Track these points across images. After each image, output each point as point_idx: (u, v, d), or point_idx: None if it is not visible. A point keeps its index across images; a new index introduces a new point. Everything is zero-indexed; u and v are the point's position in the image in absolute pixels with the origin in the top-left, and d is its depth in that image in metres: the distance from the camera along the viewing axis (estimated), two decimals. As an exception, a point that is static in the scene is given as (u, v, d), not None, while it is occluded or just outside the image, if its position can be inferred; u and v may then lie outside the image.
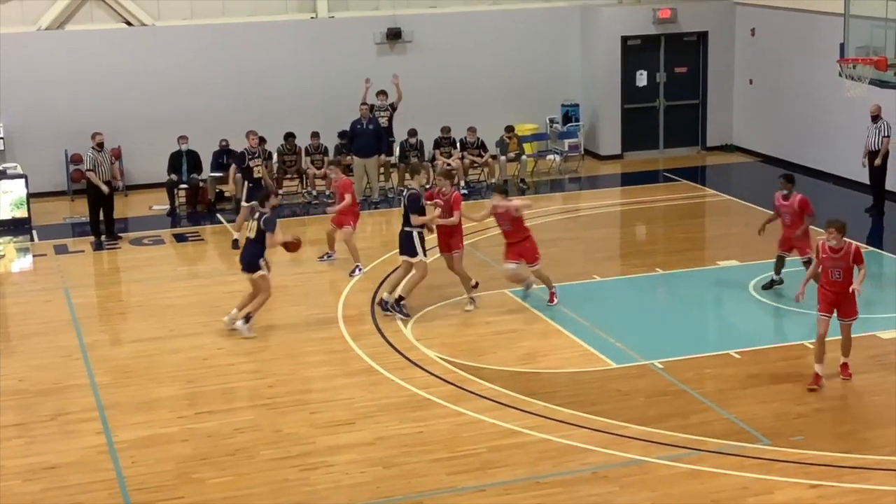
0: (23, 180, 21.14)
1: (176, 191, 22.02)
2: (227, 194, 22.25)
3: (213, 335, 14.98)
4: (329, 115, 22.90)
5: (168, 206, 21.91)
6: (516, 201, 15.91)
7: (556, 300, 15.74)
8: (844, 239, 12.78)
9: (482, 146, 23.16)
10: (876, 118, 20.14)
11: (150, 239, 20.17)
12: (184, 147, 22.05)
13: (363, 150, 22.02)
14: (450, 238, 15.64)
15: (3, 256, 19.42)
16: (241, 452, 11.56)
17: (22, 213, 20.97)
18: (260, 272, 14.77)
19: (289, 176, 22.69)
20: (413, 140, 22.89)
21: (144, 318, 15.95)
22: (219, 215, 21.57)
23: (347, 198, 17.53)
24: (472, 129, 23.02)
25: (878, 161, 20.06)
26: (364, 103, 22.25)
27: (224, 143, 22.16)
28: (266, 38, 23.80)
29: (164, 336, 14.99)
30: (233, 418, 12.41)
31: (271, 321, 15.38)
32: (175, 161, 22.06)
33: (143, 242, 19.96)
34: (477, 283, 16.04)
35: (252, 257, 14.82)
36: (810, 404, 12.37)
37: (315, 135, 22.50)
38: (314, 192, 22.30)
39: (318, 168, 22.43)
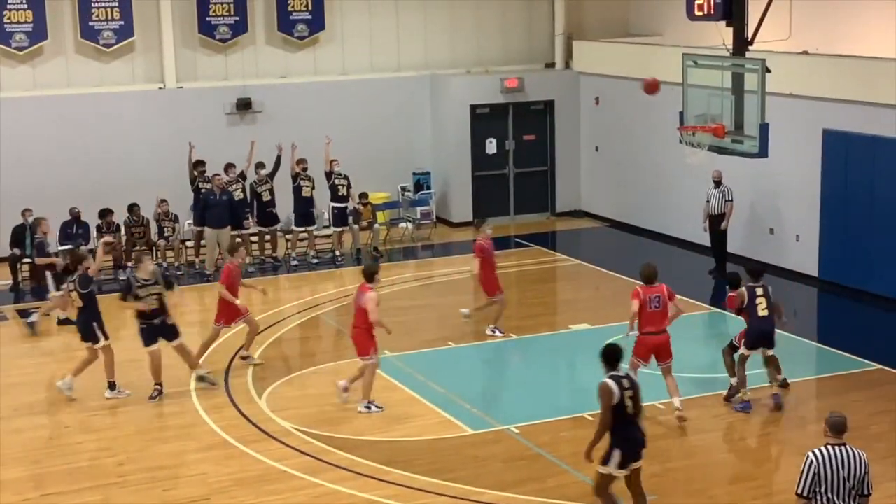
0: None
1: (19, 265, 21.41)
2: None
3: (58, 414, 14.54)
4: (180, 183, 22.60)
5: (10, 282, 21.28)
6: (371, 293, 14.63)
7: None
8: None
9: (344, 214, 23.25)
10: (718, 183, 20.86)
11: (-7, 315, 19.53)
12: (28, 220, 21.50)
13: (216, 220, 21.80)
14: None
15: None
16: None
17: None
18: (99, 344, 14.70)
19: (137, 248, 22.26)
20: (268, 209, 22.76)
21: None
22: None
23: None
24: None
25: (724, 224, 20.75)
26: (217, 174, 22.04)
27: (75, 212, 21.72)
28: (113, 109, 23.47)
29: (6, 416, 14.48)
30: (81, 499, 12.04)
31: (123, 396, 15.01)
32: (18, 235, 21.46)
33: (-15, 319, 19.31)
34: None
35: (85, 325, 14.74)
36: (663, 464, 12.60)
37: (163, 202, 22.13)
38: (164, 264, 21.94)
39: (168, 239, 22.13)
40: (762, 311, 13.97)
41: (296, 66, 25.16)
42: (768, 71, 15.49)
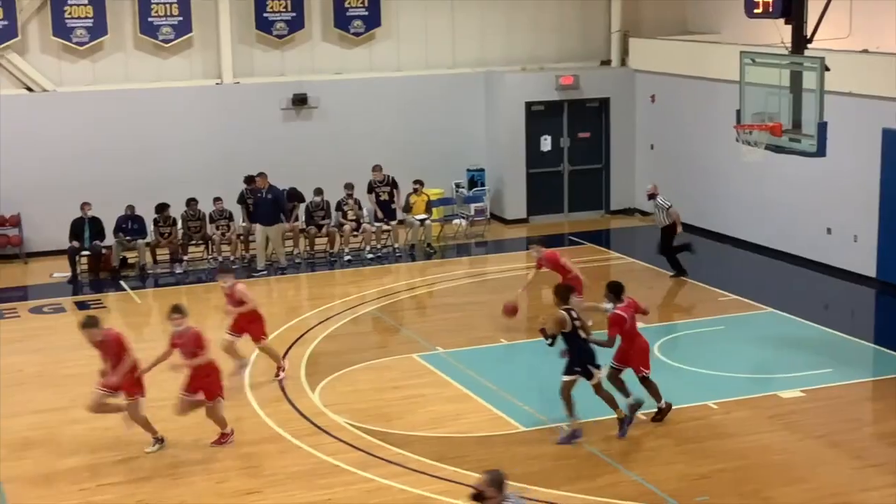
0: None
1: (78, 258, 21.69)
2: (130, 261, 22.00)
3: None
4: (234, 180, 22.77)
5: (69, 274, 21.57)
6: (239, 286, 15.18)
7: (282, 374, 15.57)
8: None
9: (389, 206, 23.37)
10: (652, 196, 20.85)
11: (51, 307, 19.79)
12: (86, 213, 21.77)
13: (264, 217, 21.94)
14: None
15: None
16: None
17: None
18: None
19: (193, 242, 22.49)
20: (318, 199, 22.88)
21: (44, 388, 15.60)
22: (122, 282, 21.27)
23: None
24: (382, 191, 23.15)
25: (679, 229, 20.61)
26: (262, 172, 22.12)
27: (131, 208, 21.97)
28: (170, 104, 23.70)
29: (64, 406, 14.67)
30: (136, 489, 12.16)
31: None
32: (77, 227, 21.75)
33: (43, 311, 19.58)
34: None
35: None
36: (714, 464, 12.52)
37: (218, 200, 22.37)
38: (219, 259, 22.15)
39: (223, 234, 22.32)
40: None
41: (351, 62, 25.26)
42: (827, 69, 15.33)
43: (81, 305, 19.93)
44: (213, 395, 13.18)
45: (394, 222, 23.10)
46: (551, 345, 13.28)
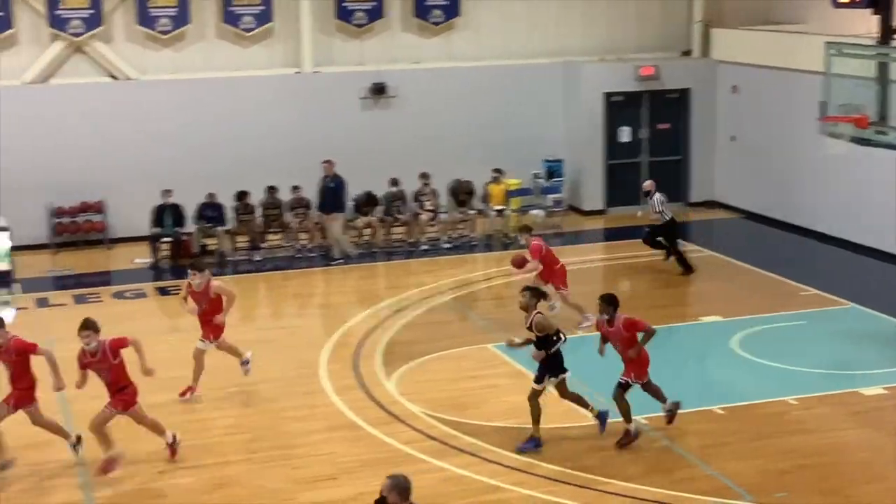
0: (6, 233, 21.06)
1: (159, 244, 21.99)
2: (210, 247, 22.25)
3: (202, 389, 14.88)
4: (312, 168, 22.90)
5: (151, 259, 21.87)
6: (215, 282, 14.75)
7: (248, 366, 14.98)
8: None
9: (469, 196, 23.39)
10: (648, 193, 20.60)
11: (133, 292, 20.09)
12: (167, 200, 22.05)
13: (324, 207, 22.06)
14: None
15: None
16: (223, 507, 11.47)
17: (5, 265, 20.86)
18: None
19: (272, 229, 22.68)
20: (395, 189, 22.97)
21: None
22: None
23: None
24: (461, 181, 23.18)
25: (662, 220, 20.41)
26: (328, 160, 22.21)
27: (211, 196, 22.20)
28: (250, 93, 23.90)
29: (143, 391, 14.85)
30: (213, 473, 12.30)
31: (252, 375, 15.29)
32: (158, 214, 22.05)
33: (125, 296, 19.89)
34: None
35: None
36: (794, 460, 12.34)
37: (296, 188, 22.54)
38: (297, 246, 22.33)
39: (301, 222, 22.47)
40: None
41: (430, 51, 25.26)
42: (915, 60, 15.02)
43: (162, 291, 20.22)
44: (129, 406, 12.52)
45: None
46: (541, 348, 12.86)
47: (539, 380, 12.86)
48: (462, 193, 23.68)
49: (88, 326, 12.34)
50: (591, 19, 26.02)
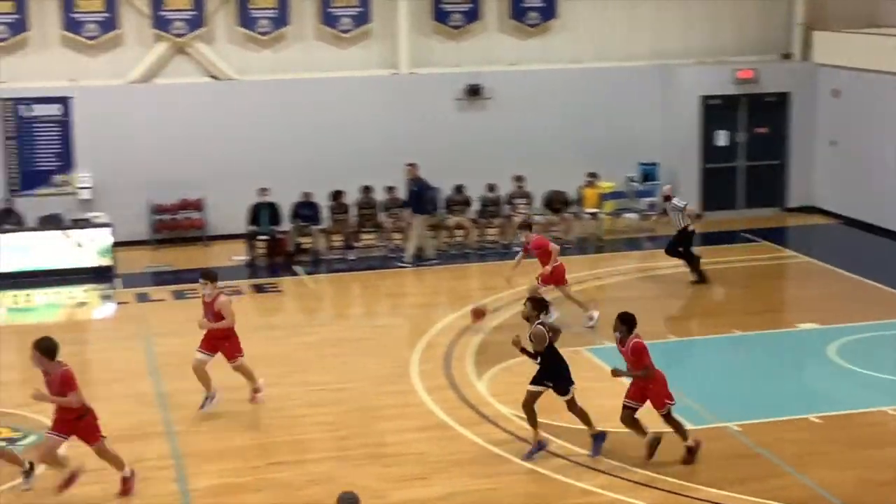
0: (108, 229, 21.52)
1: (255, 242, 22.29)
2: (305, 246, 22.49)
3: (286, 386, 15.08)
4: (403, 169, 23.02)
5: (247, 257, 22.18)
6: (223, 298, 14.13)
7: (259, 397, 14.39)
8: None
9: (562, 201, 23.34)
10: (668, 198, 20.38)
11: (229, 289, 20.37)
12: (264, 199, 22.35)
13: (412, 209, 22.23)
14: None
15: (85, 304, 19.81)
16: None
17: (106, 261, 21.34)
18: None
19: (366, 229, 22.86)
20: (491, 195, 23.06)
21: (220, 367, 16.04)
22: (297, 267, 21.77)
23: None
24: (555, 186, 23.22)
25: (692, 226, 20.22)
26: (412, 163, 22.31)
27: (307, 195, 22.45)
28: (347, 93, 24.11)
29: (239, 386, 15.09)
30: (305, 469, 12.44)
31: (345, 376, 15.43)
32: (255, 212, 22.36)
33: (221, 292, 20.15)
34: None
35: None
36: (894, 473, 12.09)
37: (391, 188, 22.72)
38: (391, 246, 22.48)
39: (395, 222, 22.61)
40: None
41: (526, 53, 25.24)
42: None
43: (258, 288, 20.49)
44: (95, 439, 11.76)
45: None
46: (539, 362, 12.67)
47: (537, 382, 12.66)
48: (557, 203, 23.60)
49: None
50: (688, 21, 25.78)
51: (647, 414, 12.58)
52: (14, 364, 16.53)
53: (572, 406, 12.67)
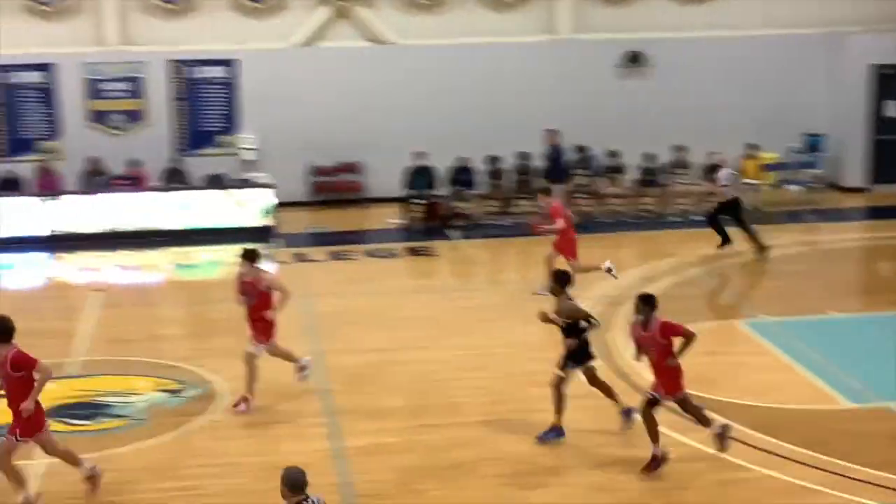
0: (271, 190, 22.00)
1: (411, 205, 22.50)
2: (460, 211, 22.60)
3: (440, 350, 15.20)
4: (562, 136, 22.88)
5: (403, 220, 22.41)
6: (268, 275, 13.39)
7: (305, 372, 13.55)
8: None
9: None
10: (717, 167, 20.07)
11: (385, 251, 20.67)
12: (420, 163, 22.51)
13: (546, 176, 22.00)
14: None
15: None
16: (463, 467, 11.66)
17: (268, 221, 21.82)
18: None
19: (522, 195, 22.83)
20: (649, 164, 22.78)
21: (376, 328, 16.31)
22: (451, 232, 21.89)
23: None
24: (713, 154, 22.73)
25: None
26: (551, 129, 22.07)
27: (463, 160, 22.53)
28: (505, 58, 24.07)
29: (393, 348, 15.30)
30: (456, 433, 12.53)
31: (497, 341, 15.48)
32: (412, 176, 22.55)
33: (377, 254, 20.49)
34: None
35: None
36: None
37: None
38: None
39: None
40: None
41: (690, 19, 24.75)
42: None
43: (413, 251, 20.70)
44: (33, 432, 10.50)
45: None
46: (569, 335, 12.09)
47: (563, 366, 12.24)
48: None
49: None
50: (861, -14, 24.93)
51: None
52: (176, 318, 17.12)
53: (557, 384, 12.16)
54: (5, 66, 23.07)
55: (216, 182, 22.57)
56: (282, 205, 22.32)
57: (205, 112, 23.82)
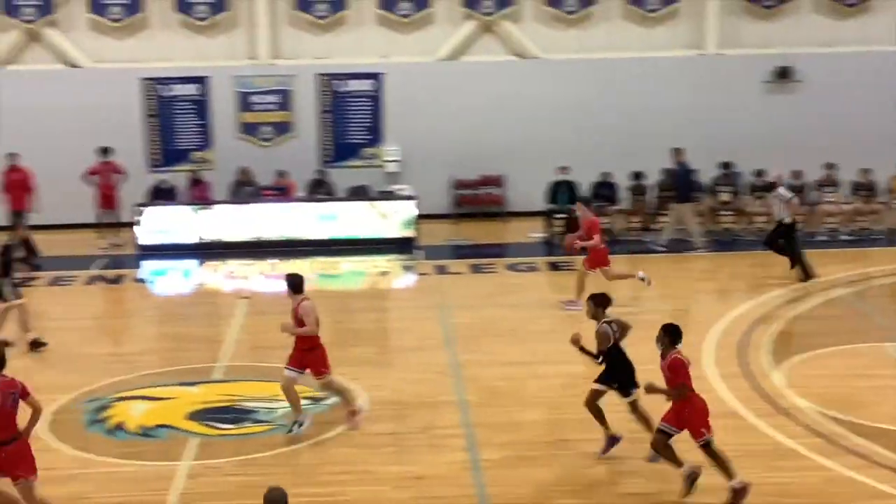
0: (413, 202, 22.22)
1: (553, 219, 22.46)
2: (603, 226, 22.45)
3: (579, 364, 15.09)
4: (707, 151, 22.55)
5: (545, 234, 22.38)
6: (307, 303, 12.55)
7: (357, 418, 12.93)
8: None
9: (871, 189, 22.25)
10: (773, 186, 19.32)
11: (525, 265, 20.67)
12: (563, 177, 22.46)
13: (676, 194, 21.69)
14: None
15: (387, 273, 20.59)
16: (601, 483, 11.59)
17: (410, 232, 22.04)
18: None
19: (665, 211, 22.56)
20: (797, 182, 22.25)
21: (515, 341, 16.31)
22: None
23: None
24: (865, 171, 22.16)
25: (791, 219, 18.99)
26: (677, 149, 21.73)
27: (605, 175, 22.42)
28: (651, 73, 23.88)
29: (531, 361, 15.28)
30: (594, 448, 12.45)
31: (637, 355, 15.31)
32: (554, 190, 22.51)
33: (518, 268, 20.50)
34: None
35: None
36: None
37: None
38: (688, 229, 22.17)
39: (694, 206, 22.23)
40: None
41: (840, 34, 24.19)
42: None
43: (554, 266, 20.66)
44: (25, 474, 9.91)
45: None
46: (601, 362, 11.98)
47: (602, 381, 12.15)
48: (864, 191, 22.56)
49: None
50: None
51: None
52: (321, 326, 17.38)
53: (634, 409, 12.00)
54: (161, 78, 23.84)
55: (360, 193, 22.91)
56: (423, 217, 22.50)
57: (350, 124, 24.22)
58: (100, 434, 12.90)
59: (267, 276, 20.51)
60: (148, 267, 21.22)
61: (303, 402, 12.95)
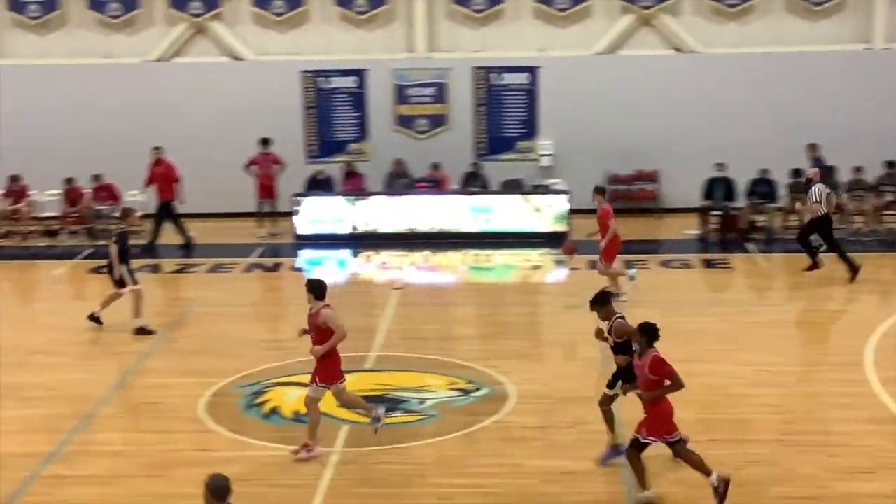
0: (565, 196, 22.14)
1: (708, 216, 22.11)
2: (760, 224, 22.03)
3: (732, 364, 14.87)
4: (875, 148, 21.90)
5: (700, 231, 22.06)
6: (327, 311, 11.82)
7: (379, 424, 12.04)
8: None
9: None
10: (810, 181, 18.40)
11: (680, 262, 20.40)
12: (719, 174, 22.09)
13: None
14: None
15: (539, 268, 20.57)
16: (752, 485, 11.36)
17: (562, 227, 21.97)
18: None
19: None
20: None
21: (667, 339, 15.92)
22: (749, 245, 21.38)
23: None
24: None
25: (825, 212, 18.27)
26: (811, 144, 21.03)
27: (764, 172, 21.97)
28: (814, 68, 23.30)
29: (684, 359, 14.96)
30: (746, 449, 12.23)
31: (792, 359, 15.00)
32: (710, 187, 22.16)
33: (671, 265, 20.24)
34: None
35: None
36: None
37: (858, 169, 21.73)
38: (851, 228, 21.54)
39: (858, 204, 21.62)
40: None
41: None
42: None
43: (708, 263, 20.33)
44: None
45: None
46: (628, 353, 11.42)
47: (612, 385, 11.70)
48: None
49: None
50: None
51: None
52: (469, 319, 17.50)
53: (606, 401, 11.74)
54: (321, 71, 24.29)
55: (513, 187, 22.93)
56: (576, 211, 22.40)
57: (505, 117, 24.26)
58: (256, 418, 13.23)
59: (419, 268, 20.71)
60: (304, 256, 21.66)
61: (452, 393, 13.02)
